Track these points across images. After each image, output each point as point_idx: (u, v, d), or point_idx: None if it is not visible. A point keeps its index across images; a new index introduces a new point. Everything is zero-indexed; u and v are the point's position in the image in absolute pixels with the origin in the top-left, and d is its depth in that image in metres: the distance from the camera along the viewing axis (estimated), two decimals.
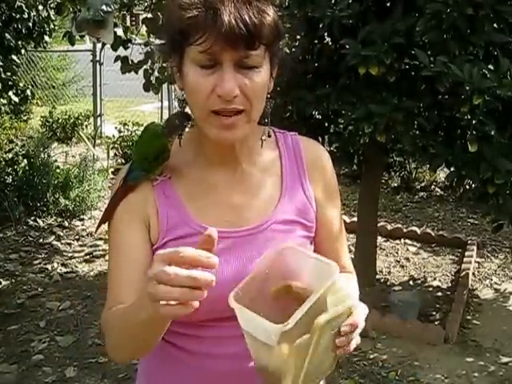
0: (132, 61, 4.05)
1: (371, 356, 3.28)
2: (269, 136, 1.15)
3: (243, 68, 0.98)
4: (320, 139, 3.33)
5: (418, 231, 4.89)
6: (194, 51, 0.97)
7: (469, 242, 4.67)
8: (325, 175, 1.19)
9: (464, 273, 4.07)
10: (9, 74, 6.11)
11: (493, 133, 2.67)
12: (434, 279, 4.20)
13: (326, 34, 3.05)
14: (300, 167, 1.16)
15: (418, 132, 2.96)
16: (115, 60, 4.17)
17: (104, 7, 3.79)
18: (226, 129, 1.00)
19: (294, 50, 3.11)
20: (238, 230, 1.10)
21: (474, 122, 2.76)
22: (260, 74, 1.00)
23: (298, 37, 3.16)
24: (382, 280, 4.13)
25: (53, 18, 6.28)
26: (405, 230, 4.90)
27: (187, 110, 1.09)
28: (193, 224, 1.08)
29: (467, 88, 2.51)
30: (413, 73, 2.93)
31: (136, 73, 4.11)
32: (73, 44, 4.53)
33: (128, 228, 1.10)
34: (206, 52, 0.96)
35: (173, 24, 0.99)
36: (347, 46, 2.76)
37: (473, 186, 3.07)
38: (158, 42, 4.06)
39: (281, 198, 1.13)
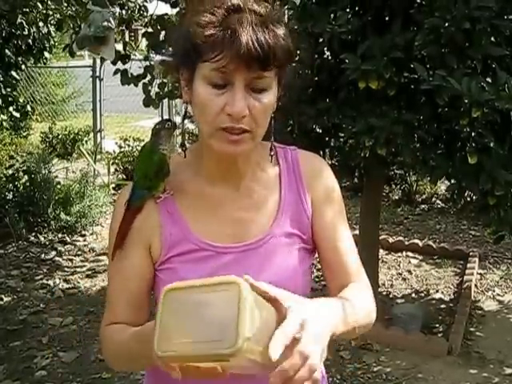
0: (132, 74, 4.08)
1: (375, 369, 3.27)
2: (271, 152, 1.17)
3: (254, 90, 1.00)
4: (321, 153, 3.34)
5: (420, 244, 4.90)
6: (207, 68, 0.99)
7: (471, 253, 4.67)
8: (321, 181, 1.20)
9: (466, 285, 4.08)
10: (9, 89, 6.15)
11: (492, 145, 2.68)
12: (437, 291, 4.20)
13: (325, 48, 3.08)
14: (298, 181, 1.18)
15: (418, 145, 2.97)
16: (114, 73, 4.20)
17: (105, 23, 3.82)
18: (231, 143, 1.02)
19: (294, 64, 3.12)
20: (240, 245, 1.12)
21: (473, 134, 2.77)
22: (269, 96, 1.02)
23: (298, 51, 3.18)
24: (384, 293, 4.13)
25: (53, 34, 6.33)
26: (406, 243, 4.91)
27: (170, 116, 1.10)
28: (195, 240, 1.11)
29: (466, 101, 2.53)
30: (412, 86, 2.95)
31: (136, 85, 4.13)
32: (73, 56, 4.56)
33: (130, 250, 1.13)
34: (219, 70, 0.98)
35: (188, 40, 1.00)
36: (347, 61, 2.78)
37: (473, 197, 3.08)
38: (157, 57, 4.09)
39: (279, 212, 1.15)
